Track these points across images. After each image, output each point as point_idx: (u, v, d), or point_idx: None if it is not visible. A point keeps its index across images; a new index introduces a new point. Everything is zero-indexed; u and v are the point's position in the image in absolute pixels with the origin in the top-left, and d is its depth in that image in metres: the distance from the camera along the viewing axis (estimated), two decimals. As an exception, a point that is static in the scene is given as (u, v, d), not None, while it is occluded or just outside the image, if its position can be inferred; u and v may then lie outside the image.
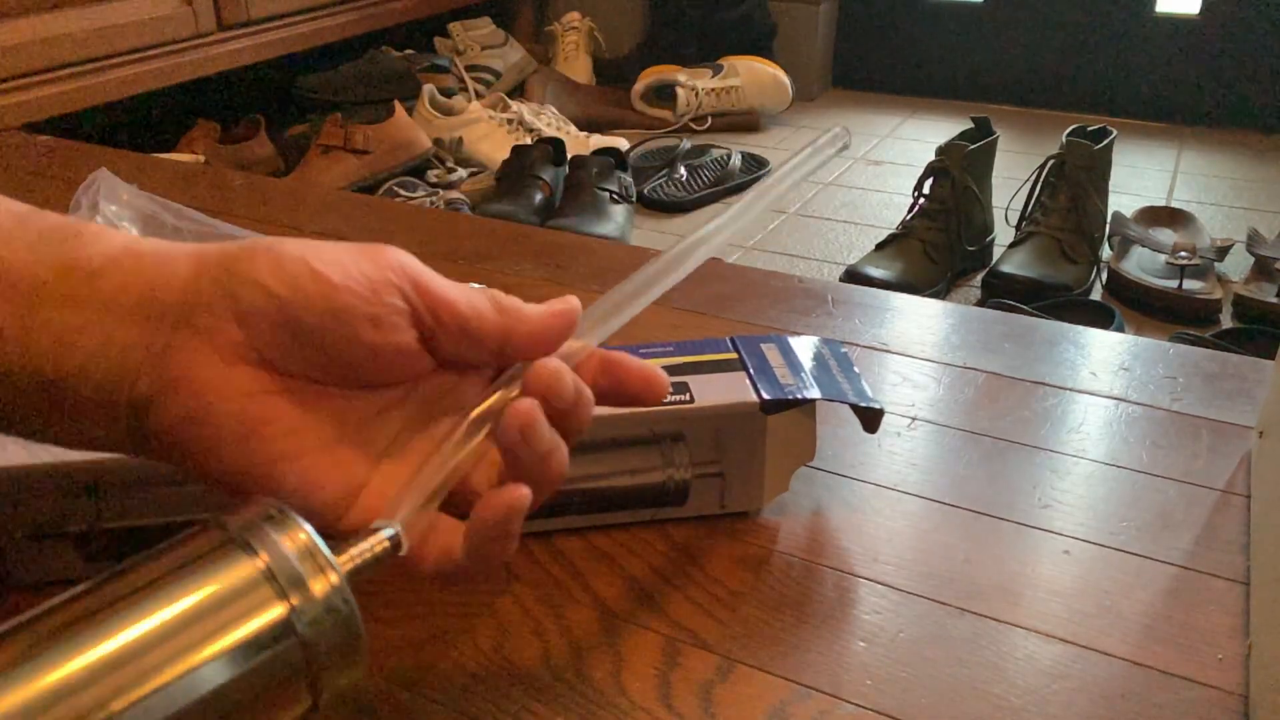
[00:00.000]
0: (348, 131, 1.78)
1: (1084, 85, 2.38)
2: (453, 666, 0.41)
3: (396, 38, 2.25)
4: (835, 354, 0.51)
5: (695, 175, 1.92)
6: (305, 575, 0.27)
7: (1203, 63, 2.28)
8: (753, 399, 0.46)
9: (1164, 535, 0.49)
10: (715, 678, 0.41)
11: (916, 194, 1.66)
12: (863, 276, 1.53)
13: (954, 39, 2.48)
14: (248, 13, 1.72)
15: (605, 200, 1.70)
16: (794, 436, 0.48)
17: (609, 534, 0.48)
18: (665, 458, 0.47)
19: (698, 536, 0.48)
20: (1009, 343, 0.67)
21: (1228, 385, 0.62)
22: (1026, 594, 0.45)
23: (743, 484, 0.49)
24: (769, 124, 2.32)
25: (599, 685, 0.40)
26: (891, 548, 0.48)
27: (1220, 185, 1.98)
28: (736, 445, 0.48)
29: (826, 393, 0.47)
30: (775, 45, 2.44)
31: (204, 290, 0.30)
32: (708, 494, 0.49)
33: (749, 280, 0.76)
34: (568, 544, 0.48)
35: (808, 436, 0.49)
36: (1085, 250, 1.59)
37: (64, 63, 1.45)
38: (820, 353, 0.51)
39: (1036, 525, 0.50)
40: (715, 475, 0.48)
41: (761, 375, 0.48)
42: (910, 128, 2.33)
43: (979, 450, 0.56)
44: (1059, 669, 0.41)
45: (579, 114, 2.19)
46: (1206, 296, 1.48)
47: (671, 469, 0.47)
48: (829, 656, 0.42)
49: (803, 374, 0.48)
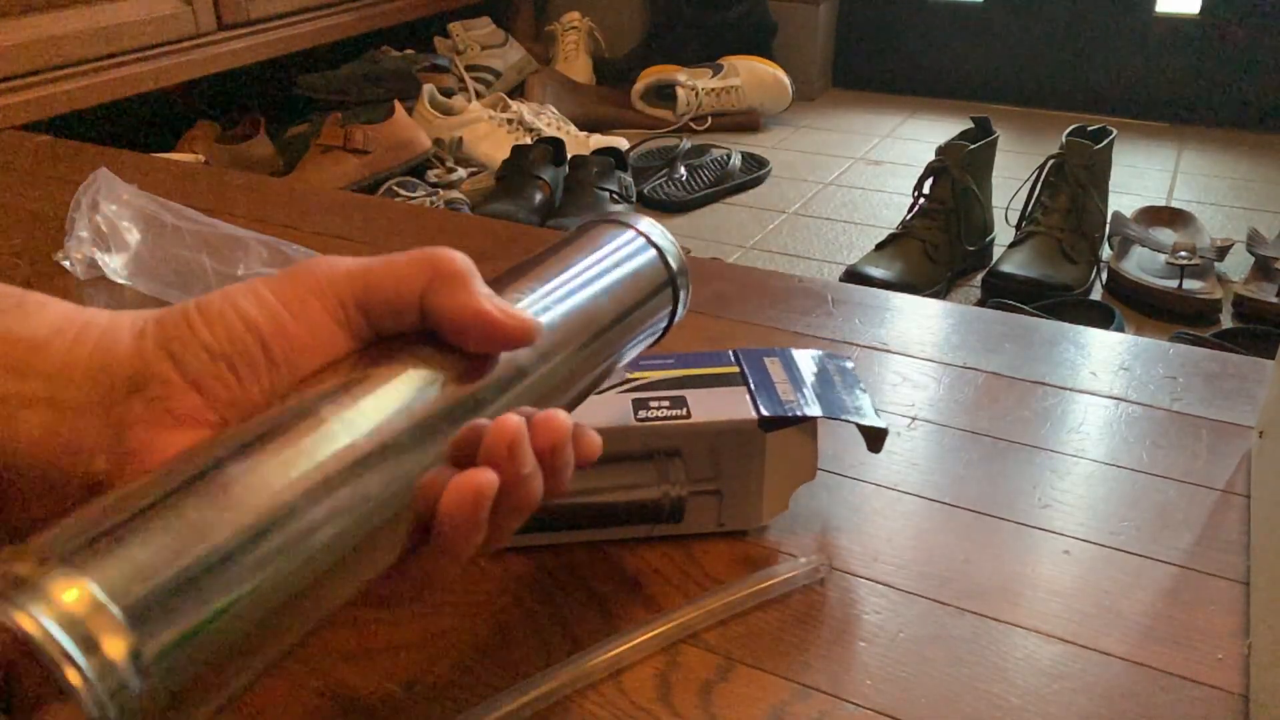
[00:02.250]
0: (348, 131, 1.78)
1: (1084, 85, 2.38)
2: (453, 666, 0.41)
3: (396, 38, 2.25)
4: (840, 369, 0.50)
5: (695, 175, 1.92)
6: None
7: (1203, 63, 2.28)
8: (751, 416, 0.46)
9: (1164, 535, 0.49)
10: (715, 678, 0.41)
11: (916, 194, 1.66)
12: (863, 276, 1.53)
13: (954, 39, 2.48)
14: (248, 13, 1.72)
15: (605, 200, 1.70)
16: (794, 454, 0.47)
17: (609, 533, 0.48)
18: (661, 474, 0.46)
19: (698, 537, 0.48)
20: (1009, 343, 0.67)
21: (1228, 385, 0.62)
22: (1026, 594, 0.45)
23: (740, 502, 0.48)
24: (769, 124, 2.32)
25: (599, 685, 0.40)
26: (891, 548, 0.48)
27: (1220, 185, 1.98)
28: (734, 462, 0.47)
29: (829, 410, 0.46)
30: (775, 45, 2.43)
31: (149, 359, 0.29)
32: (705, 512, 0.48)
33: (749, 280, 0.76)
34: (568, 544, 0.48)
35: (808, 455, 0.48)
36: (1085, 250, 1.59)
37: (64, 63, 1.45)
38: (825, 367, 0.50)
39: (1036, 525, 0.50)
40: (712, 493, 0.47)
41: (762, 390, 0.47)
42: (910, 128, 2.33)
43: (979, 450, 0.56)
44: (1059, 669, 0.41)
45: (579, 114, 2.18)
46: (1206, 296, 1.48)
47: (667, 486, 0.46)
48: (829, 656, 0.42)
49: (805, 390, 0.48)
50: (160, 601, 0.23)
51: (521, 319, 0.32)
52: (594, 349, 0.37)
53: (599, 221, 0.42)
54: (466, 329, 0.31)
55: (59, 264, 0.76)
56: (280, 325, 0.30)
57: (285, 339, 0.30)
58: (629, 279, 0.40)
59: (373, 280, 0.31)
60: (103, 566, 0.23)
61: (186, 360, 0.29)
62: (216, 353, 0.29)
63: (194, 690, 0.24)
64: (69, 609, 0.22)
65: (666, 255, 0.41)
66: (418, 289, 0.31)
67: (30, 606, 0.22)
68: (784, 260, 1.68)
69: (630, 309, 0.39)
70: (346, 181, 1.76)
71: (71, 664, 0.21)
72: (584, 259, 0.39)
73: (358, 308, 0.31)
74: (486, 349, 0.32)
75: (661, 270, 0.41)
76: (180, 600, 0.23)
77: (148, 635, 0.23)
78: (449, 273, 0.31)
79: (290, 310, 0.30)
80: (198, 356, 0.29)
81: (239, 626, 0.25)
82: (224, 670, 0.24)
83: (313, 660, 0.41)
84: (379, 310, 0.31)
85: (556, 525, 0.47)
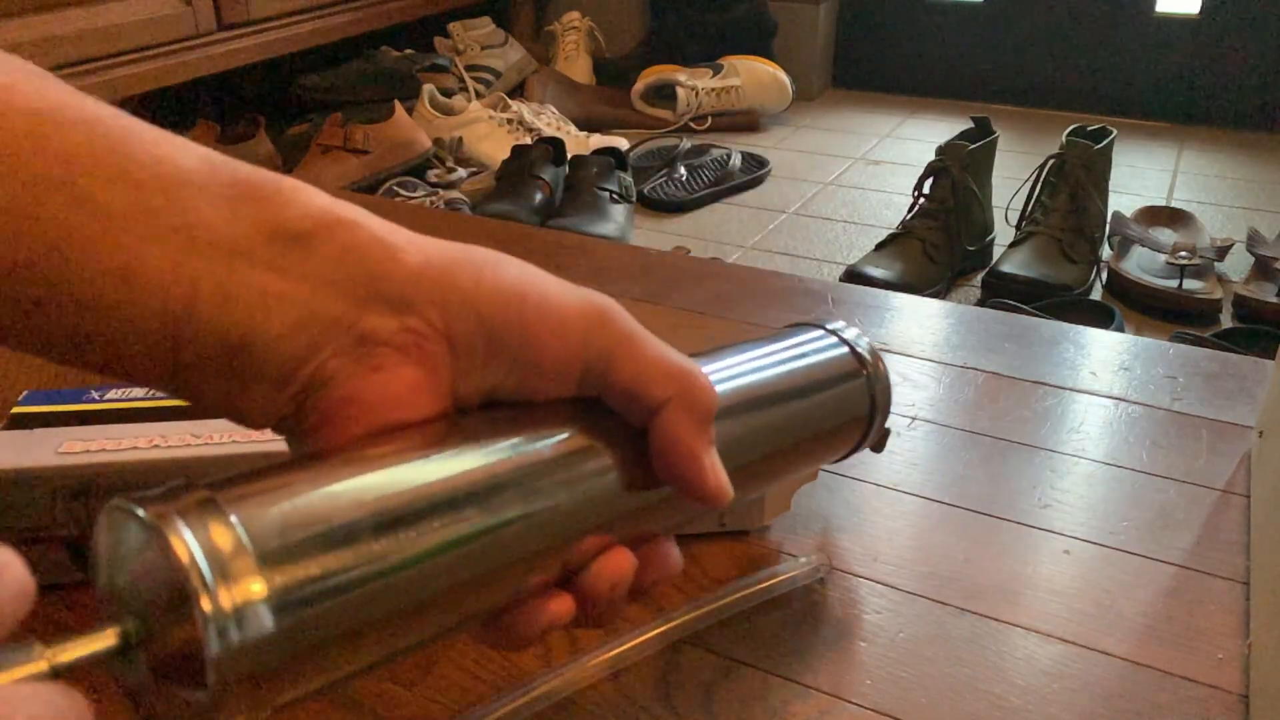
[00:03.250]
0: (348, 131, 1.78)
1: (1084, 85, 2.38)
2: (453, 666, 0.41)
3: (396, 38, 2.25)
4: None
5: (695, 175, 1.92)
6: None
7: (1203, 63, 2.28)
8: None
9: (1164, 535, 0.49)
10: (715, 678, 0.41)
11: (916, 194, 1.66)
12: (863, 276, 1.53)
13: (954, 39, 2.48)
14: (248, 13, 1.72)
15: (605, 200, 1.70)
16: None
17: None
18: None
19: (698, 536, 0.48)
20: (1009, 343, 0.67)
21: (1228, 385, 0.62)
22: (1026, 594, 0.45)
23: (742, 502, 0.48)
24: (769, 124, 2.32)
25: (599, 685, 0.40)
26: (891, 548, 0.48)
27: (1220, 185, 1.98)
28: None
29: None
30: (775, 45, 2.43)
31: (422, 299, 0.29)
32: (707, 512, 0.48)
33: (749, 280, 0.76)
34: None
35: None
36: (1085, 250, 1.59)
37: (64, 63, 1.45)
38: None
39: (1036, 525, 0.50)
40: None
41: None
42: (910, 128, 2.33)
43: (979, 450, 0.56)
44: (1059, 669, 0.41)
45: (579, 114, 2.18)
46: (1206, 296, 1.48)
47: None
48: (829, 656, 0.42)
49: None
50: (298, 557, 0.24)
51: (723, 486, 0.31)
52: (754, 483, 0.36)
53: (820, 330, 0.39)
54: (675, 466, 0.31)
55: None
56: (546, 332, 0.29)
57: (540, 348, 0.29)
58: (829, 435, 0.38)
59: (635, 356, 0.30)
60: (257, 516, 0.24)
61: (456, 314, 0.29)
62: (483, 320, 0.29)
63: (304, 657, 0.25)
64: (216, 544, 0.23)
65: (876, 400, 0.39)
66: (664, 395, 0.30)
67: (183, 531, 0.23)
68: (784, 260, 1.68)
69: (817, 444, 0.38)
70: (346, 181, 1.76)
71: (206, 592, 0.23)
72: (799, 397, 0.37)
73: (607, 367, 0.30)
74: (674, 487, 0.31)
75: (862, 422, 0.39)
76: (317, 561, 0.25)
77: (283, 587, 0.24)
78: (699, 399, 0.31)
79: (562, 325, 0.30)
80: (466, 315, 0.29)
81: (366, 608, 0.25)
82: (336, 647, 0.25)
83: (313, 660, 0.41)
84: (620, 387, 0.30)
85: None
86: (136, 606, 0.24)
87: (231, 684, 0.23)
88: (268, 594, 0.23)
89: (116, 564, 0.25)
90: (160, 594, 0.23)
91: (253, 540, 0.24)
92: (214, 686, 0.23)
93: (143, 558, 0.24)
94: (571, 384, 0.30)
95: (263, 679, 0.24)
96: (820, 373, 0.38)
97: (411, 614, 0.27)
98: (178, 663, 0.23)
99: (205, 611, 0.22)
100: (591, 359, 0.30)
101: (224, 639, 0.23)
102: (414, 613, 0.27)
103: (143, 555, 0.24)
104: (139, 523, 0.23)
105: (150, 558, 0.23)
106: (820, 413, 0.38)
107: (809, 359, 0.38)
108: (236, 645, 0.23)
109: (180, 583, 0.23)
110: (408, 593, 0.26)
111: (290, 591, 0.24)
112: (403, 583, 0.26)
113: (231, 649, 0.23)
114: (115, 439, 0.44)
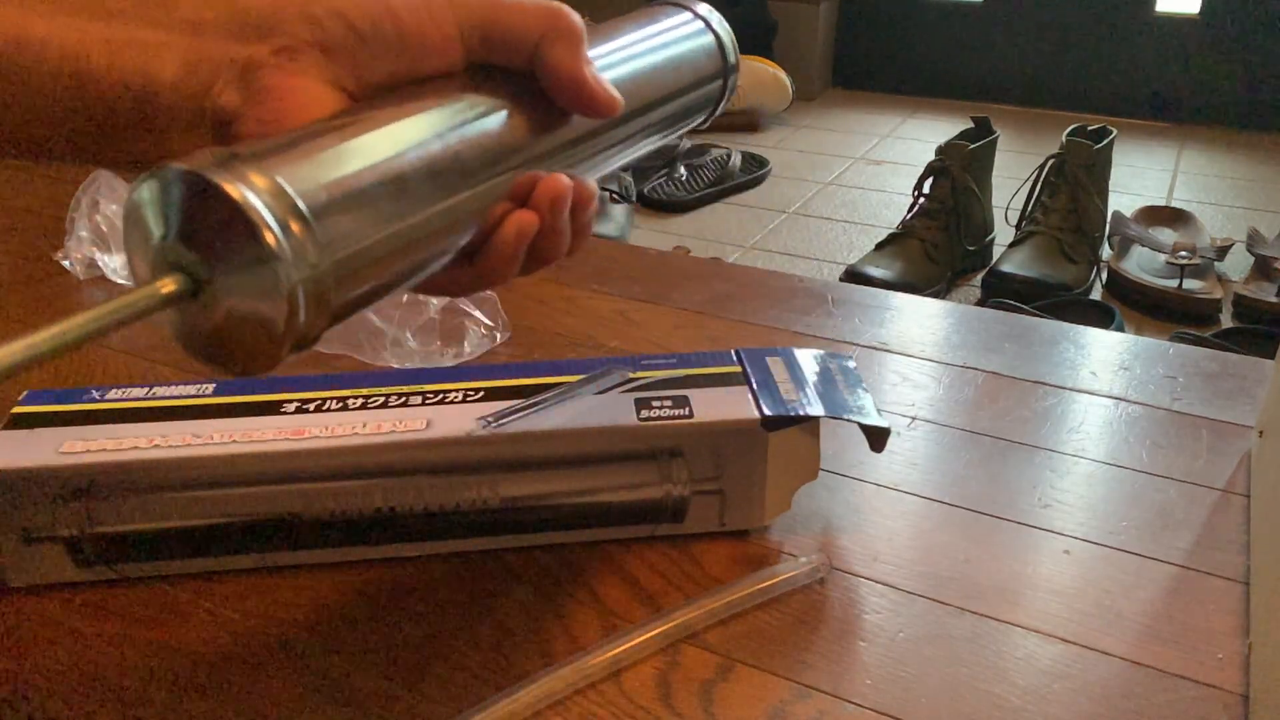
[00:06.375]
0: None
1: (1084, 85, 2.38)
2: (453, 666, 0.41)
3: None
4: (842, 368, 0.50)
5: (695, 175, 1.92)
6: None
7: (1203, 63, 2.28)
8: (754, 415, 0.46)
9: (1164, 535, 0.49)
10: (715, 678, 0.41)
11: (916, 194, 1.66)
12: (863, 276, 1.53)
13: (954, 39, 2.48)
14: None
15: (605, 200, 1.70)
16: (796, 454, 0.47)
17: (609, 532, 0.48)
18: (663, 473, 0.46)
19: (698, 536, 0.48)
20: (1009, 342, 0.67)
21: (1228, 385, 0.62)
22: (1026, 594, 0.45)
23: (743, 502, 0.48)
24: (769, 124, 2.32)
25: (600, 685, 0.40)
26: (892, 547, 0.48)
27: (1220, 185, 1.98)
28: (737, 462, 0.47)
29: (831, 410, 0.46)
30: (775, 45, 2.44)
31: (285, 14, 0.32)
32: (707, 511, 0.48)
33: (749, 280, 0.76)
34: (568, 544, 0.48)
35: (811, 454, 0.48)
36: (1085, 250, 1.59)
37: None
38: (827, 366, 0.50)
39: (1036, 525, 0.50)
40: (714, 493, 0.47)
41: (764, 390, 0.47)
42: (910, 128, 2.33)
43: (979, 450, 0.56)
44: (1059, 669, 0.41)
45: (579, 114, 2.19)
46: (1206, 296, 1.48)
47: (669, 485, 0.46)
48: (829, 656, 0.42)
49: (807, 389, 0.48)
50: (333, 203, 0.28)
51: (611, 95, 0.36)
52: (646, 124, 0.41)
53: (663, 2, 0.44)
54: (564, 88, 0.35)
55: (59, 264, 0.76)
56: (418, 21, 0.33)
57: (418, 35, 0.33)
58: (688, 63, 0.42)
59: (500, 14, 0.34)
60: (292, 169, 0.28)
61: (325, 24, 0.32)
62: (353, 25, 0.32)
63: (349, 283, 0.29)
64: (265, 188, 0.26)
65: (723, 43, 0.44)
66: (535, 35, 0.34)
67: (235, 180, 0.26)
68: (784, 260, 1.68)
69: (685, 89, 0.42)
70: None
71: (269, 229, 0.26)
72: (646, 34, 0.41)
73: (481, 32, 0.34)
74: (572, 109, 0.36)
75: (717, 58, 0.44)
76: (347, 204, 0.29)
77: (324, 226, 0.28)
78: (565, 28, 0.35)
79: (429, 11, 0.33)
80: (335, 22, 0.32)
81: (393, 236, 0.30)
82: (372, 270, 0.30)
83: (313, 659, 0.41)
84: (496, 41, 0.34)
85: (556, 525, 0.47)
86: (189, 260, 0.27)
87: (296, 292, 0.26)
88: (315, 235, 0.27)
89: (165, 225, 0.27)
90: (217, 236, 0.26)
91: (288, 181, 0.27)
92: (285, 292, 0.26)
93: (190, 208, 0.26)
94: (458, 57, 0.34)
95: (321, 291, 0.27)
96: (664, 24, 0.43)
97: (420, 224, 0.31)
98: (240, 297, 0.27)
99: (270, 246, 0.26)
100: (466, 28, 0.34)
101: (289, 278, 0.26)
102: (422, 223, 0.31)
103: (191, 205, 0.26)
104: (186, 177, 0.26)
105: (199, 205, 0.26)
106: (670, 38, 0.42)
107: (656, 20, 0.43)
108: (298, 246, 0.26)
109: (241, 215, 0.26)
110: (415, 197, 0.31)
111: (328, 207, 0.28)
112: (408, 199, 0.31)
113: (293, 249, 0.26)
114: (115, 439, 0.44)
